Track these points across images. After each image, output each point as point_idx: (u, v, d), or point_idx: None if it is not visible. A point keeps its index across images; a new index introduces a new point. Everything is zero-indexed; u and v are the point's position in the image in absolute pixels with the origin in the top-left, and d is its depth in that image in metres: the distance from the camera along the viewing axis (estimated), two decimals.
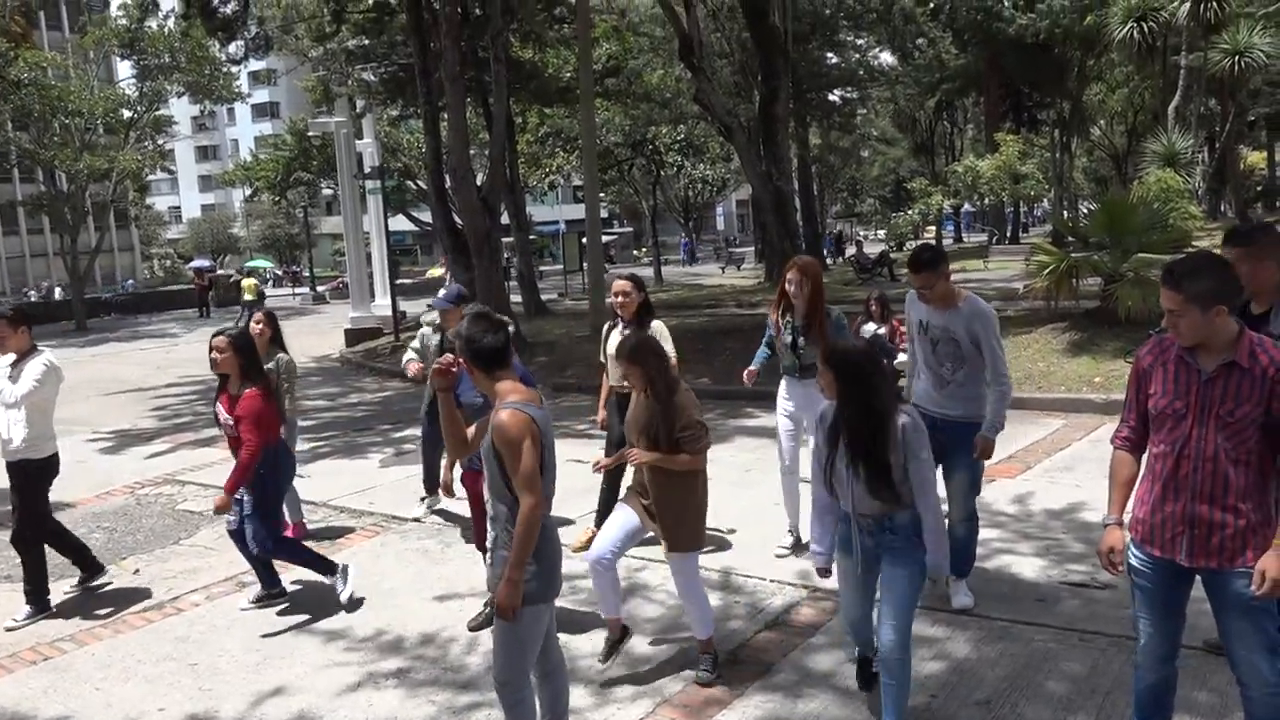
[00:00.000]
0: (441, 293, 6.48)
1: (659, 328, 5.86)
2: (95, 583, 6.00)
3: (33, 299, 42.44)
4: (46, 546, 5.73)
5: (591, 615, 5.08)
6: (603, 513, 5.96)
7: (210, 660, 4.84)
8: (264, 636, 5.08)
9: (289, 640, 5.02)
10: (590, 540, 5.92)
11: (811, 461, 3.84)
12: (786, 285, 5.62)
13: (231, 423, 5.16)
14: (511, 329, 4.71)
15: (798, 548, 5.66)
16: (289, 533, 6.19)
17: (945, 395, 4.68)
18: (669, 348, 5.78)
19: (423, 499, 7.09)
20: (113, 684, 4.64)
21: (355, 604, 5.31)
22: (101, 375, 17.70)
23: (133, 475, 9.09)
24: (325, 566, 5.42)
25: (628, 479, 4.98)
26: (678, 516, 4.23)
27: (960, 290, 4.68)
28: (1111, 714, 3.73)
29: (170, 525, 7.33)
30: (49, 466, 5.68)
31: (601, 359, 6.20)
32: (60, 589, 5.93)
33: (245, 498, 5.20)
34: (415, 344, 6.92)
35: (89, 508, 8.02)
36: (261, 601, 5.48)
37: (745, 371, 6.12)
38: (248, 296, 26.94)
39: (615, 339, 5.90)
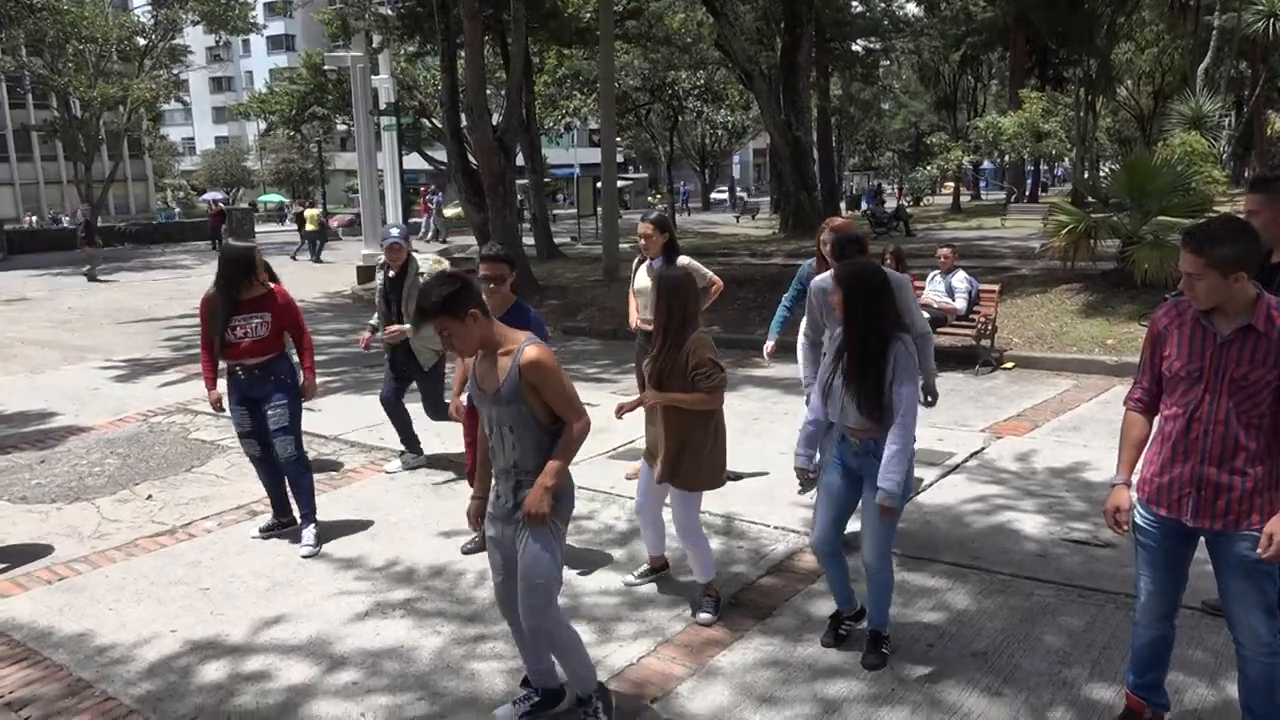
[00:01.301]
0: (395, 231, 6.61)
1: (687, 262, 5.91)
2: None
3: (33, 225, 42.33)
4: None
5: (596, 553, 5.15)
6: None
7: (222, 585, 4.93)
8: (274, 564, 5.17)
9: (299, 568, 5.11)
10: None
11: (818, 378, 3.96)
12: (821, 244, 5.63)
13: (268, 319, 5.23)
14: (508, 272, 4.78)
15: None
16: None
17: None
18: (707, 273, 6.02)
19: (400, 453, 6.93)
20: (126, 605, 4.74)
21: (310, 556, 5.26)
22: (114, 305, 17.78)
23: (146, 403, 9.18)
24: (312, 508, 5.47)
25: None
26: (683, 452, 4.26)
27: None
28: (1106, 668, 3.78)
29: (182, 453, 7.42)
30: None
31: (631, 293, 6.27)
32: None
33: (279, 408, 5.28)
34: (377, 298, 6.94)
35: (103, 433, 8.12)
36: (272, 530, 5.57)
37: (766, 347, 6.15)
38: (310, 227, 27.03)
39: (643, 274, 5.96)
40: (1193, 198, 11.35)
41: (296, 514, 5.49)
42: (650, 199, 56.47)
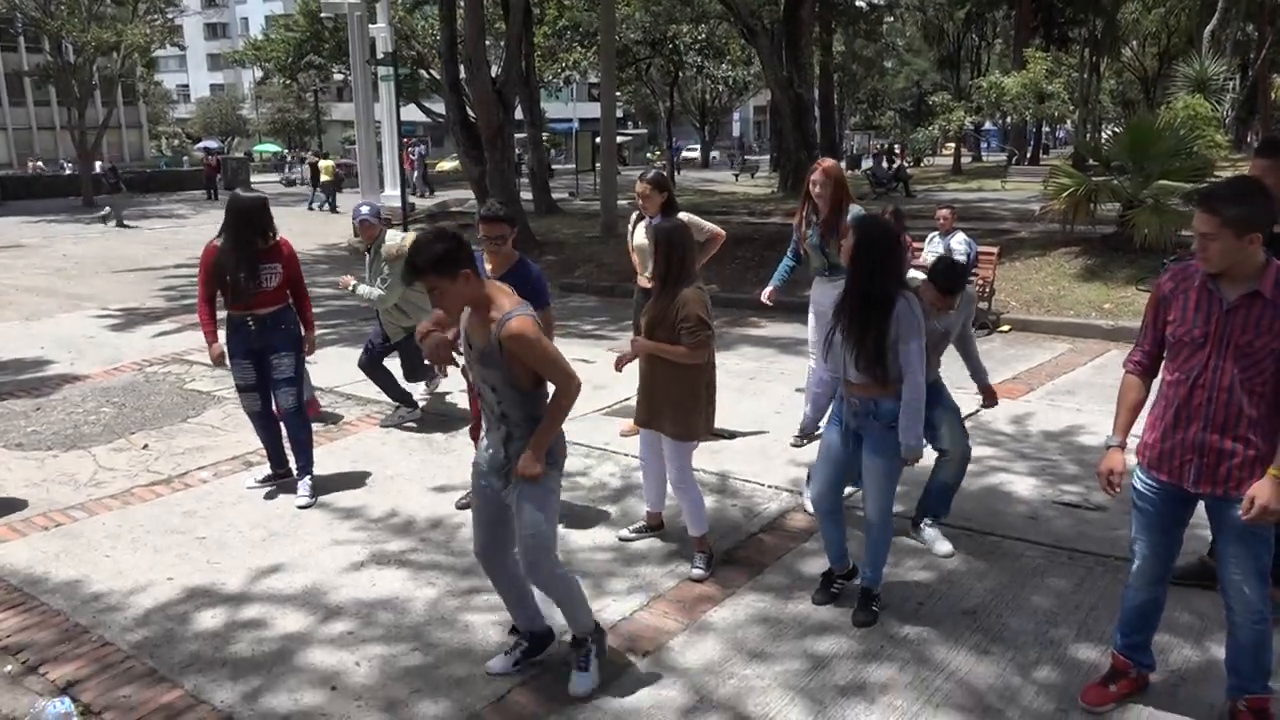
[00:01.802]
0: (364, 209, 6.50)
1: (689, 216, 5.89)
2: None
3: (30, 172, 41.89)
4: None
5: (589, 509, 5.19)
6: None
7: (217, 535, 4.96)
8: (270, 515, 5.20)
9: (294, 519, 5.14)
10: (636, 429, 6.11)
11: (820, 341, 3.99)
12: (811, 186, 5.61)
13: (278, 269, 5.22)
14: (507, 229, 4.74)
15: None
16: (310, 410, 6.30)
17: None
18: (706, 225, 6.02)
19: (396, 407, 6.86)
20: (122, 552, 4.77)
21: (306, 507, 5.28)
22: (109, 253, 17.69)
23: (141, 353, 9.16)
24: (309, 461, 5.48)
25: None
26: (670, 403, 4.29)
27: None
28: (1093, 629, 3.82)
29: (178, 403, 7.42)
30: None
31: (630, 249, 6.24)
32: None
33: (286, 359, 5.28)
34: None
35: (99, 382, 8.11)
36: (269, 481, 5.59)
37: (765, 292, 6.12)
38: (325, 178, 26.90)
39: (641, 231, 5.93)
40: (1194, 161, 11.29)
41: (293, 466, 5.51)
42: (649, 156, 56.00)
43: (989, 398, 4.75)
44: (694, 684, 3.55)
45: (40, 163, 47.28)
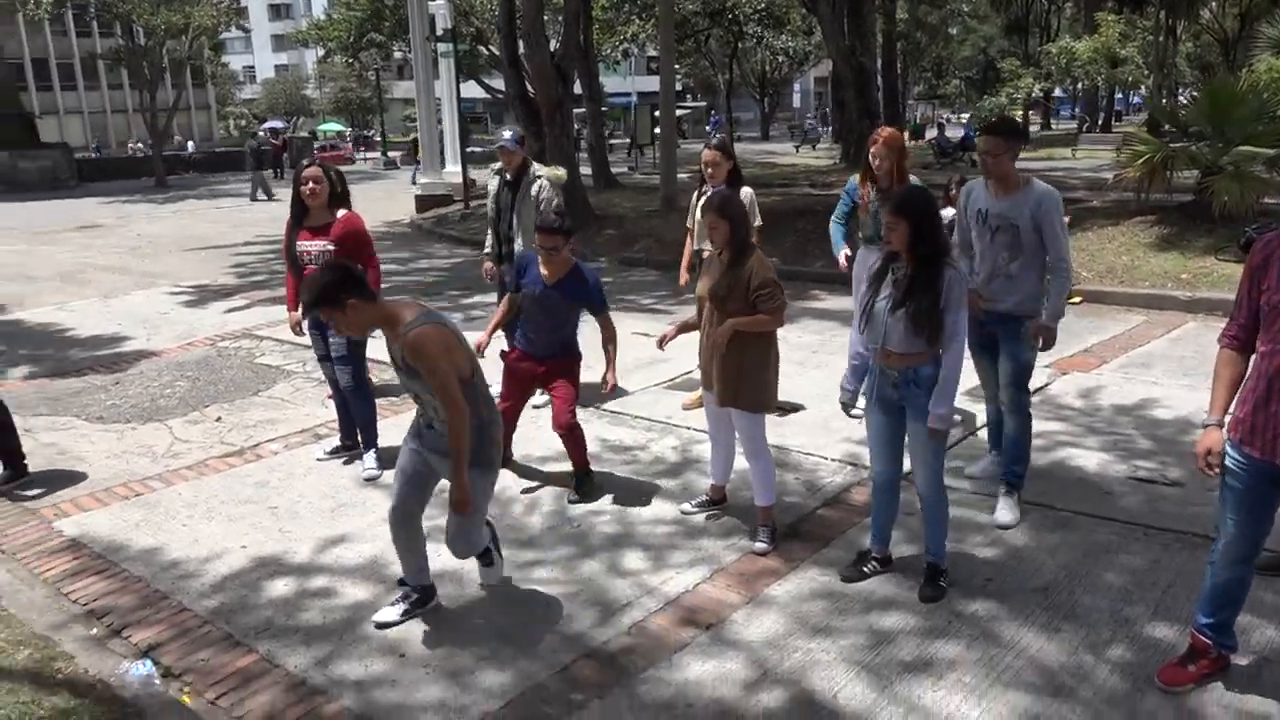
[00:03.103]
0: (506, 133, 6.43)
1: (749, 194, 5.81)
2: (12, 485, 5.42)
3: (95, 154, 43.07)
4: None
5: (649, 484, 5.18)
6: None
7: (288, 505, 5.07)
8: (338, 486, 5.30)
9: (361, 491, 5.23)
10: (699, 401, 6.10)
11: (856, 311, 3.95)
12: (870, 158, 5.51)
13: (331, 248, 5.17)
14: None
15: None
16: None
17: (995, 287, 4.52)
18: (755, 214, 5.83)
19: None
20: (198, 521, 4.90)
21: (371, 480, 5.34)
22: (181, 232, 18.13)
23: (213, 328, 9.39)
24: (373, 435, 5.54)
25: None
26: (745, 375, 4.26)
27: (1023, 174, 4.51)
28: (1170, 607, 3.72)
29: (249, 377, 7.60)
30: None
31: (689, 224, 6.18)
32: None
33: (338, 338, 5.31)
34: (489, 203, 6.80)
35: (174, 357, 8.34)
36: (338, 453, 5.69)
37: (839, 257, 6.02)
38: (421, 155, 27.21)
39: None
40: (1278, 126, 10.80)
41: (359, 438, 5.60)
42: (707, 130, 55.60)
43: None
44: (756, 657, 3.54)
45: (139, 144, 48.41)
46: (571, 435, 5.01)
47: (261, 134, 39.92)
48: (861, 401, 4.03)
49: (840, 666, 3.45)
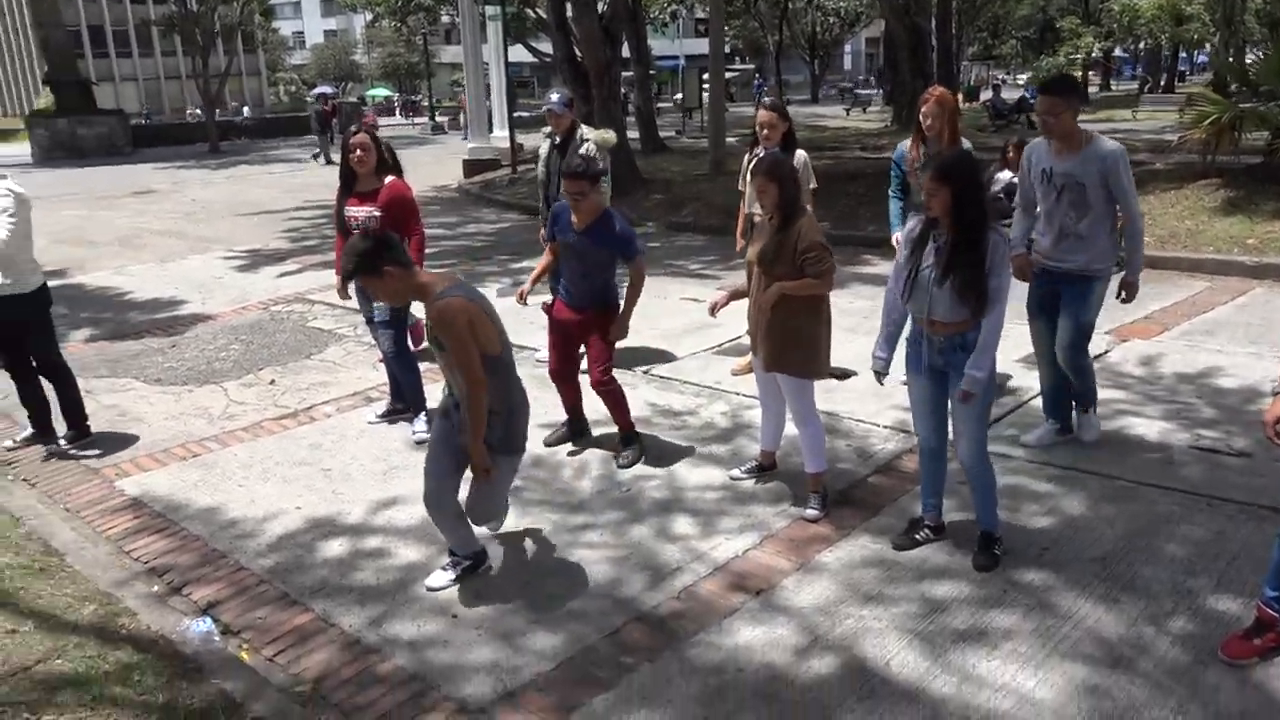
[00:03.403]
0: (554, 96, 6.36)
1: (803, 157, 5.70)
2: (76, 444, 5.54)
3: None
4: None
5: (698, 449, 5.16)
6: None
7: (341, 467, 5.14)
8: (389, 449, 5.35)
9: (412, 454, 5.27)
10: (749, 367, 6.06)
11: (891, 278, 3.86)
12: (921, 117, 5.37)
13: (377, 214, 5.19)
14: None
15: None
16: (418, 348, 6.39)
17: (1064, 247, 4.49)
18: (810, 177, 5.74)
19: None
20: (254, 482, 4.99)
21: (421, 443, 5.31)
22: (234, 197, 18.37)
23: (266, 293, 9.52)
24: (421, 398, 5.55)
25: None
26: (796, 341, 4.21)
27: (1086, 131, 4.40)
28: (1234, 580, 3.62)
29: (301, 341, 7.69)
30: (37, 300, 5.27)
31: (740, 187, 6.09)
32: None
33: (381, 304, 5.32)
34: (539, 166, 6.74)
35: (228, 321, 8.47)
36: (388, 416, 5.74)
37: (895, 239, 5.86)
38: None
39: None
40: None
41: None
42: (754, 93, 54.84)
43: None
44: (807, 624, 3.52)
45: (196, 109, 48.88)
46: (608, 394, 5.00)
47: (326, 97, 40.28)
48: (901, 369, 3.96)
49: (892, 634, 3.42)
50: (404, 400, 5.72)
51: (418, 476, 4.93)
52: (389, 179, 5.29)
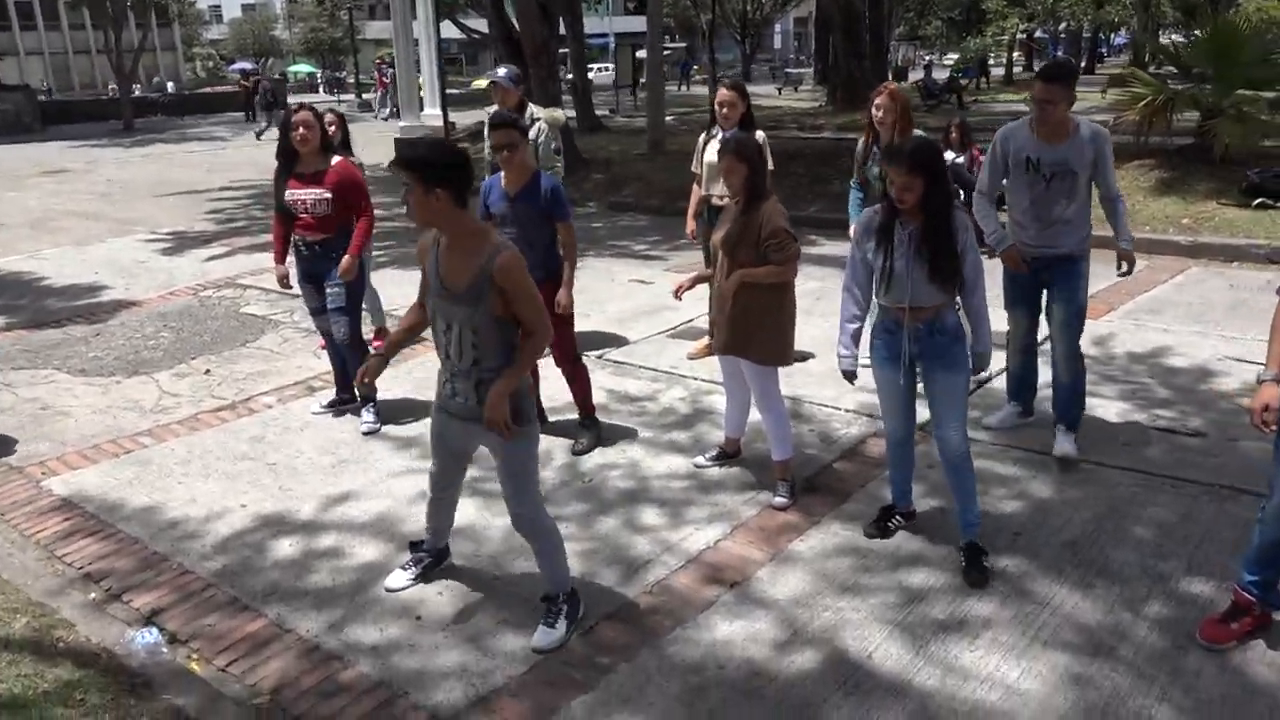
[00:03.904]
0: (501, 71, 6.13)
1: (761, 137, 5.57)
2: None
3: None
4: None
5: (659, 436, 5.04)
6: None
7: (287, 461, 4.90)
8: (337, 441, 5.13)
9: (362, 446, 5.06)
10: (707, 350, 5.98)
11: (851, 274, 3.77)
12: (874, 111, 5.33)
13: (327, 197, 4.96)
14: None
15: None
16: (376, 343, 6.15)
17: (1051, 233, 4.43)
18: (768, 158, 5.64)
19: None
20: (194, 479, 4.73)
21: (370, 434, 5.17)
22: (152, 177, 17.63)
23: (193, 277, 9.11)
24: (370, 391, 5.32)
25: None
26: (759, 326, 4.12)
27: (1073, 119, 4.33)
28: (1204, 563, 3.64)
29: (235, 328, 7.36)
30: None
31: (695, 169, 5.93)
32: None
33: (336, 288, 5.13)
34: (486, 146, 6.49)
35: (155, 307, 8.08)
36: (334, 406, 5.51)
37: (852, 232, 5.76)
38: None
39: (713, 148, 5.65)
40: (1274, 71, 10.63)
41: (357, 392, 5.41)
42: (692, 72, 54.62)
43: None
44: (785, 616, 3.44)
45: (114, 86, 46.62)
46: (575, 373, 4.86)
47: (275, 76, 39.02)
48: (864, 359, 3.88)
49: (872, 626, 3.36)
50: (349, 390, 5.49)
51: (369, 469, 4.78)
52: (335, 159, 5.04)
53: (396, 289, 8.24)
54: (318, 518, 4.30)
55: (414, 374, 6.16)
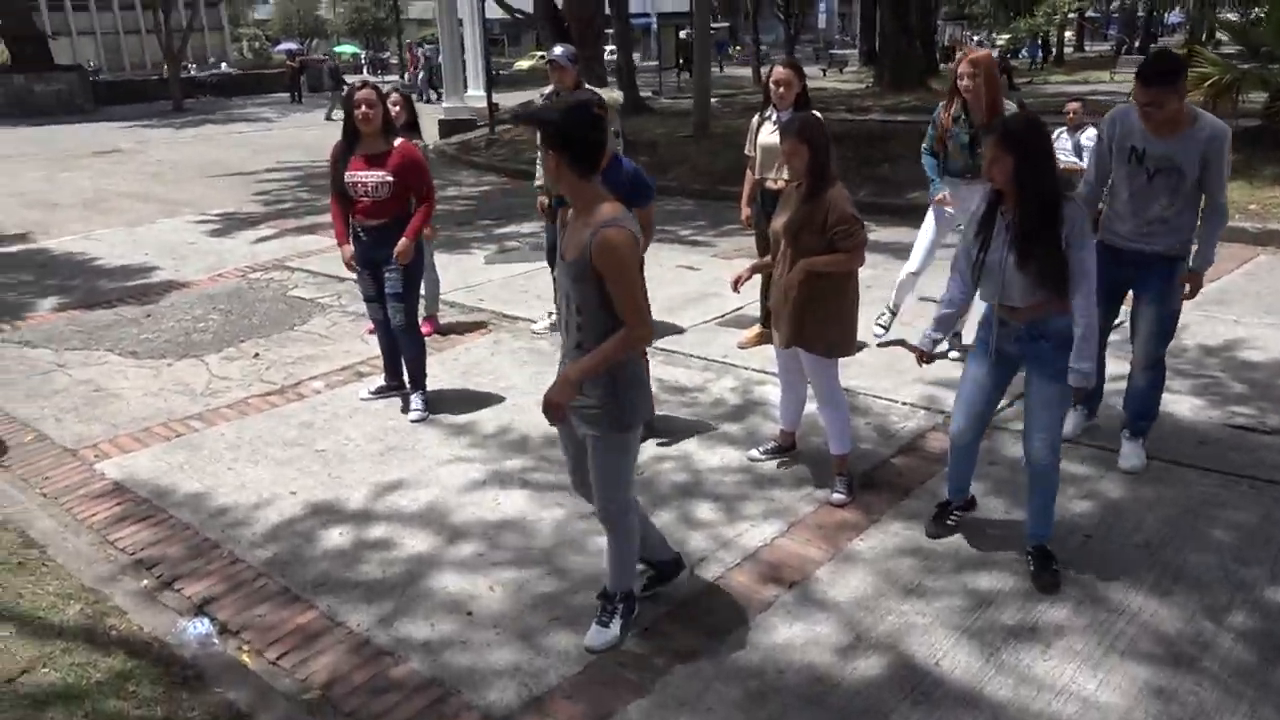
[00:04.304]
0: (558, 50, 6.00)
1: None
2: None
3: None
4: None
5: (711, 428, 4.93)
6: (767, 311, 5.88)
7: (336, 448, 4.87)
8: (386, 428, 5.08)
9: (411, 434, 5.01)
10: (758, 339, 5.83)
11: (957, 257, 3.56)
12: (959, 80, 5.16)
13: (389, 180, 4.87)
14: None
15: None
16: (425, 328, 6.07)
17: (1149, 229, 4.06)
18: None
19: (549, 312, 6.37)
20: (244, 465, 4.71)
21: (419, 421, 5.11)
22: (201, 158, 17.77)
23: (242, 259, 9.14)
24: (422, 376, 5.27)
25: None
26: (822, 317, 3.98)
27: (1189, 108, 3.98)
28: None
29: (284, 311, 7.36)
30: None
31: (749, 151, 5.76)
32: None
33: (394, 274, 5.03)
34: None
35: (205, 289, 8.10)
36: (383, 392, 5.46)
37: (936, 199, 5.56)
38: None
39: (767, 130, 5.50)
40: None
41: (406, 379, 5.36)
42: (730, 52, 54.01)
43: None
44: (848, 619, 3.32)
45: (193, 67, 46.88)
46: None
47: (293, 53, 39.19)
48: (943, 346, 3.72)
49: (939, 631, 3.24)
50: (398, 377, 5.44)
51: (418, 458, 4.72)
52: (398, 141, 4.95)
53: (446, 274, 8.20)
54: (367, 507, 4.26)
55: (460, 360, 6.11)
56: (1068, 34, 38.65)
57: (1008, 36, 33.72)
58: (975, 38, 49.91)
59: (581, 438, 3.14)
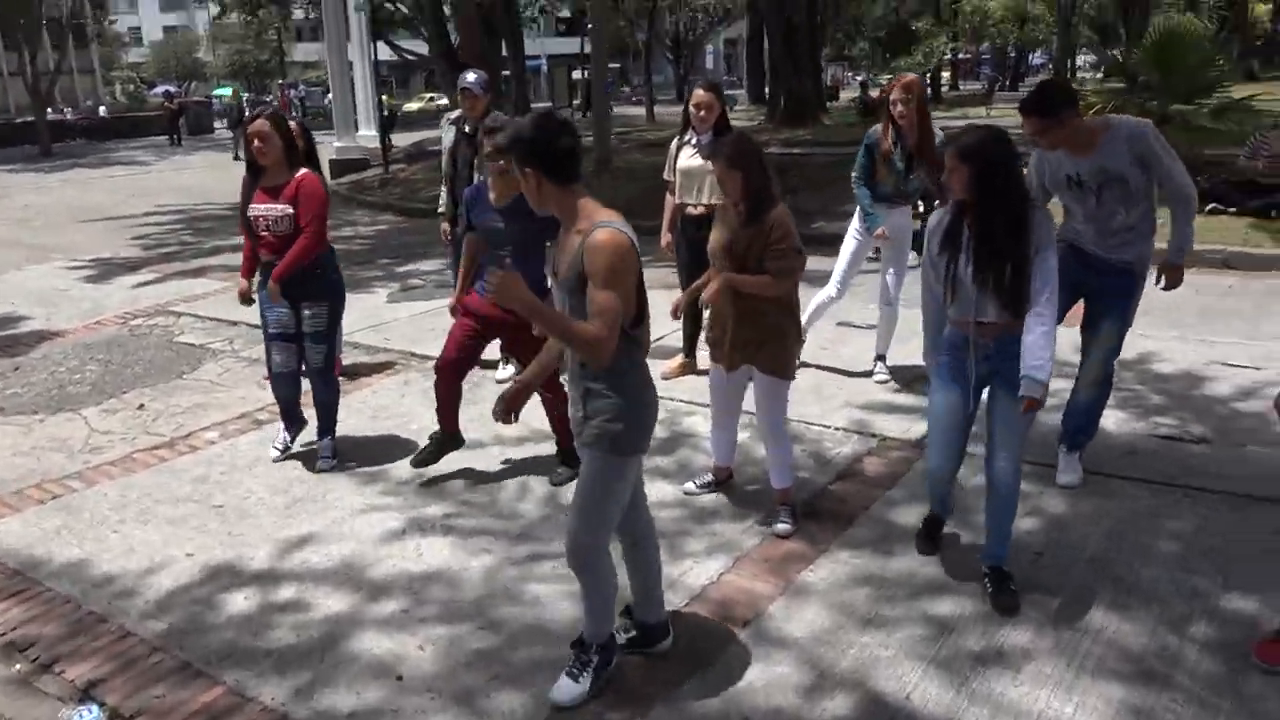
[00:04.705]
0: (470, 76, 5.75)
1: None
2: None
3: None
4: None
5: (646, 467, 4.69)
6: (690, 340, 5.82)
7: (235, 502, 4.46)
8: (290, 478, 4.70)
9: (318, 483, 4.64)
10: (682, 369, 5.65)
11: (924, 274, 3.46)
12: (891, 106, 5.12)
13: (290, 213, 4.50)
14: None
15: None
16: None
17: (1115, 240, 4.02)
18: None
19: (507, 359, 6.02)
20: (131, 526, 4.26)
21: (327, 470, 4.76)
22: (73, 202, 16.82)
23: (122, 305, 8.54)
24: (331, 423, 4.91)
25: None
26: (774, 334, 3.83)
27: (1098, 120, 4.00)
28: (1238, 576, 3.43)
29: (170, 358, 6.85)
30: None
31: (667, 176, 5.61)
32: None
33: (318, 310, 4.67)
34: (444, 157, 6.12)
35: (80, 338, 7.50)
36: (290, 450, 5.01)
37: (877, 234, 5.42)
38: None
39: (687, 154, 5.36)
40: (1219, 77, 10.78)
41: (312, 427, 4.95)
42: (615, 91, 54.59)
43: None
44: (808, 656, 3.13)
45: (65, 109, 44.06)
46: (556, 399, 4.51)
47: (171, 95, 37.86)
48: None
49: (905, 663, 3.07)
50: (297, 423, 5.02)
51: (327, 509, 4.36)
52: (301, 171, 4.60)
53: (347, 314, 7.80)
54: (274, 566, 3.88)
55: (368, 402, 5.76)
56: (943, 74, 40.30)
57: (888, 78, 34.97)
58: (859, 78, 51.69)
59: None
